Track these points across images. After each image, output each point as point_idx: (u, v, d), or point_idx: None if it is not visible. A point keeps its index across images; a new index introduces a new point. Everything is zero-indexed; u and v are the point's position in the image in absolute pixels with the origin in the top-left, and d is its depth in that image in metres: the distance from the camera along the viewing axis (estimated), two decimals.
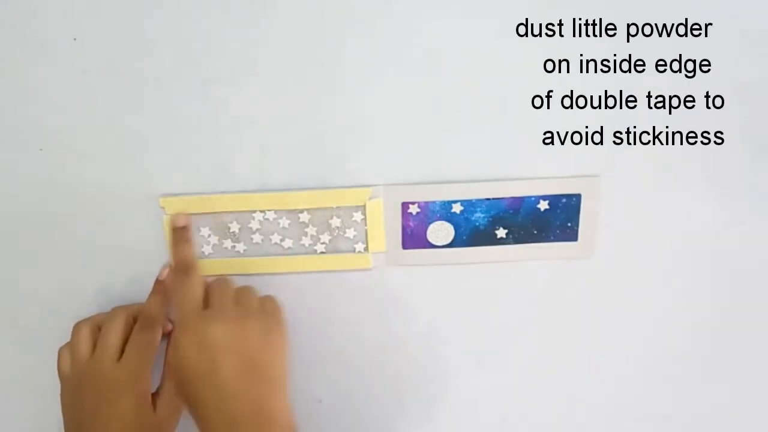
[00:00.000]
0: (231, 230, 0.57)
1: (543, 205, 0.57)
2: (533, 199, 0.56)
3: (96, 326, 0.56)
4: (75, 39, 0.52)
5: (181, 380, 0.51)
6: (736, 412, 0.64)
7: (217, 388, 0.49)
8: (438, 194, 0.56)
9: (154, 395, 0.55)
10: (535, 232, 0.57)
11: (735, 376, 0.63)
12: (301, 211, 0.57)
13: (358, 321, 0.61)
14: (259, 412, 0.49)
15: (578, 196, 0.56)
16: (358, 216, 0.57)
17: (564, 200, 0.56)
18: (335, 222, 0.57)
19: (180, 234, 0.56)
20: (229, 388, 0.49)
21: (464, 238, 0.58)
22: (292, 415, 0.50)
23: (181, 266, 0.55)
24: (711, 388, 0.64)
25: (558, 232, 0.58)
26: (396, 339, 0.62)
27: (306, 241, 0.58)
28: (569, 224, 0.57)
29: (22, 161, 0.56)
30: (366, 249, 0.58)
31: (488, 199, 0.56)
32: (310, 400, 0.64)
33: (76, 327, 0.56)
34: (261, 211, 0.57)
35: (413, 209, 0.57)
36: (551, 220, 0.57)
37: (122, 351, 0.54)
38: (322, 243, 0.58)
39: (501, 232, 0.58)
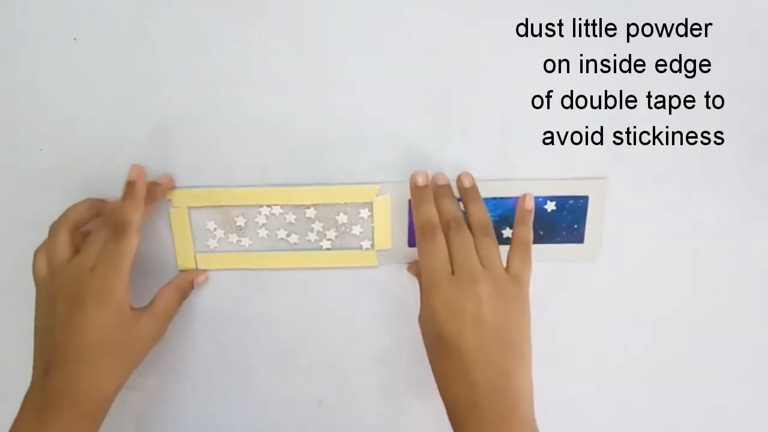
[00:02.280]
0: (237, 224, 0.58)
1: (550, 206, 0.56)
2: (540, 199, 0.56)
3: (74, 227, 0.54)
4: (75, 39, 0.52)
5: (431, 344, 0.51)
6: (737, 413, 0.65)
7: (461, 355, 0.49)
8: None
9: (141, 309, 0.54)
10: (542, 233, 0.57)
11: (737, 377, 0.64)
12: (308, 207, 0.57)
13: (362, 318, 0.61)
14: (501, 381, 0.49)
15: (585, 198, 0.56)
16: (365, 213, 0.57)
17: (571, 202, 0.56)
18: (342, 218, 0.57)
19: (422, 194, 0.54)
20: (472, 356, 0.49)
21: None
22: (532, 386, 0.50)
23: (427, 229, 0.52)
24: (714, 390, 0.64)
25: (564, 233, 0.57)
26: (400, 337, 0.62)
27: (312, 236, 0.58)
28: (575, 226, 0.57)
29: (22, 161, 0.55)
30: (372, 246, 0.58)
31: (495, 198, 0.56)
32: (310, 400, 0.64)
33: (53, 227, 0.54)
34: (267, 206, 0.57)
35: None
36: (558, 221, 0.57)
37: None
38: (328, 239, 0.58)
39: (507, 232, 0.57)
